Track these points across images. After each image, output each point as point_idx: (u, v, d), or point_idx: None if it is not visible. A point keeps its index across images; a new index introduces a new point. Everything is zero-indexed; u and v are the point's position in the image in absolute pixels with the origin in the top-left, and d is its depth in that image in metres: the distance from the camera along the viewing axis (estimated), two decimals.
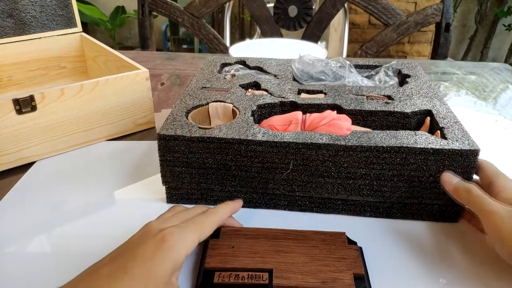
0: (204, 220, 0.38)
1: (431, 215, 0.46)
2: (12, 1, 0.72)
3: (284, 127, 0.49)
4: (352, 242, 0.41)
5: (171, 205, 0.48)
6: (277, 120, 0.50)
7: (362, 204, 0.47)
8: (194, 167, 0.46)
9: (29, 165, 0.56)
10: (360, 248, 0.41)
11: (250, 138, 0.43)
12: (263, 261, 0.38)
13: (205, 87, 0.57)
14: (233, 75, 0.63)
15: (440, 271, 0.40)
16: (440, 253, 0.43)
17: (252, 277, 0.36)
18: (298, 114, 0.50)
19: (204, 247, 0.41)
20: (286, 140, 0.43)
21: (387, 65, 0.64)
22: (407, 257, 0.42)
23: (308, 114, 0.50)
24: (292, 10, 1.21)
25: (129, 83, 0.61)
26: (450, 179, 0.42)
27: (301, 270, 0.37)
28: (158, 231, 0.34)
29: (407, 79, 0.60)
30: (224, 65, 0.66)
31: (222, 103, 0.52)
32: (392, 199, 0.45)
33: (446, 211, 0.46)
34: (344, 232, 0.42)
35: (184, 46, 3.05)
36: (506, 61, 2.62)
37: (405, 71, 0.63)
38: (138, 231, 0.36)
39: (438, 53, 1.23)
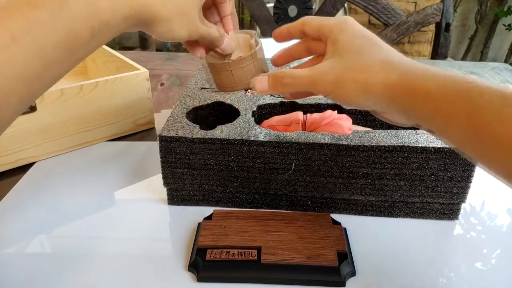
0: None
1: (432, 213, 0.46)
2: None
3: (285, 127, 0.49)
4: (336, 223, 0.43)
5: (172, 207, 0.48)
6: (277, 120, 0.50)
7: (364, 203, 0.46)
8: (196, 169, 0.45)
9: (29, 166, 0.56)
10: (344, 228, 0.44)
11: (252, 138, 0.43)
12: (252, 239, 0.40)
13: (204, 88, 0.57)
14: None
15: (440, 267, 0.40)
16: (440, 249, 0.43)
17: (242, 253, 0.39)
18: (299, 114, 0.50)
19: (197, 228, 0.43)
20: (288, 141, 0.43)
21: None
22: (406, 254, 0.42)
23: (308, 114, 0.50)
24: (292, 10, 1.21)
25: (129, 83, 0.61)
26: (263, 83, 0.37)
27: (287, 247, 0.40)
28: None
29: None
30: None
31: (242, 32, 0.44)
32: (394, 198, 0.45)
33: (446, 209, 0.46)
34: (329, 214, 0.45)
35: (184, 46, 3.05)
36: (506, 61, 2.62)
37: None
38: None
39: (438, 53, 1.23)
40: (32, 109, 0.53)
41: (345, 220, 0.45)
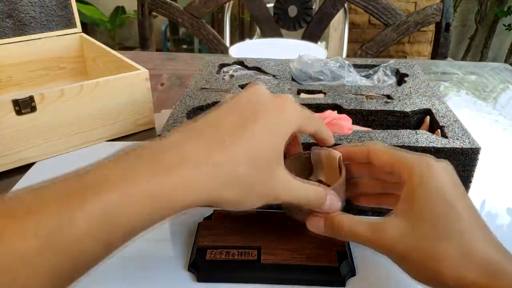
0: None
1: None
2: (11, 2, 0.71)
3: None
4: None
5: None
6: None
7: None
8: None
9: (28, 166, 0.56)
10: None
11: None
12: (252, 239, 0.40)
13: (204, 88, 0.57)
14: (232, 76, 0.63)
15: None
16: None
17: (242, 253, 0.39)
18: None
19: (197, 228, 0.43)
20: None
21: (385, 64, 0.64)
22: None
23: None
24: (292, 10, 1.21)
25: (129, 83, 0.61)
26: (318, 226, 0.33)
27: (287, 247, 0.40)
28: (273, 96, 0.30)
29: (405, 78, 0.60)
30: (222, 65, 0.66)
31: (327, 150, 0.37)
32: None
33: None
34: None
35: (184, 47, 3.05)
36: (506, 61, 2.62)
37: (403, 70, 0.63)
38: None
39: (438, 53, 1.23)
40: (32, 109, 0.53)
41: None
